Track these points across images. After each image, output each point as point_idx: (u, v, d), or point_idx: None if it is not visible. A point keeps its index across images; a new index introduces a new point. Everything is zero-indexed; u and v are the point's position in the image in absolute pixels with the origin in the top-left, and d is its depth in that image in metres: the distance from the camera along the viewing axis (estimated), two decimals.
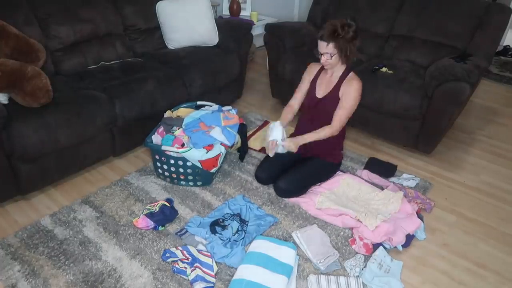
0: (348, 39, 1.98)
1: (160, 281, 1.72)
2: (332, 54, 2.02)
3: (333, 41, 1.98)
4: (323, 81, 2.23)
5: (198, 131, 2.24)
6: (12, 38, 2.14)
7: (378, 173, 2.46)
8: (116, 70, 2.62)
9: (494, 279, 1.83)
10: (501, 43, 4.80)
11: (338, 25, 1.96)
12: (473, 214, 2.23)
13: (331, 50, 2.01)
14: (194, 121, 2.32)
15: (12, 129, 1.95)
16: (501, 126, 3.24)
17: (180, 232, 1.97)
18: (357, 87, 2.11)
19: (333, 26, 1.97)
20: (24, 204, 2.17)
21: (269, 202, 2.22)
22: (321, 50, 2.04)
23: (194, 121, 2.32)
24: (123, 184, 2.33)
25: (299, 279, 1.76)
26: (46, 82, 2.07)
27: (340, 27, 1.96)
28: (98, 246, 1.89)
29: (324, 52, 2.03)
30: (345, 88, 2.12)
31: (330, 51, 2.01)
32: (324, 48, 2.02)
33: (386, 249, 1.91)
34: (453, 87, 2.38)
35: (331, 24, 1.98)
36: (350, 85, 2.12)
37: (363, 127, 2.94)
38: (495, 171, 2.63)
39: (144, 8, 2.97)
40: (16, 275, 1.73)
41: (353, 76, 2.14)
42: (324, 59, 2.06)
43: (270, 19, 4.24)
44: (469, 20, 2.82)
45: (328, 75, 2.20)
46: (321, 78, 2.25)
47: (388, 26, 3.14)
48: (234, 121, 2.38)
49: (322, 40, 2.01)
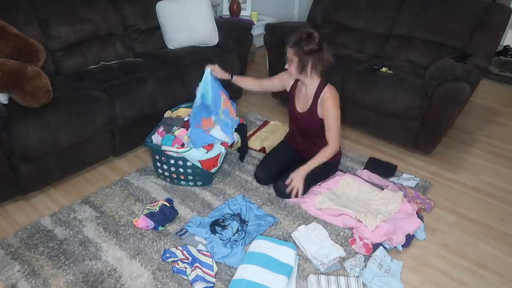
0: (306, 50, 1.94)
1: (160, 281, 1.72)
2: (292, 60, 2.00)
3: (292, 48, 1.97)
4: (300, 96, 2.22)
5: (199, 128, 2.22)
6: (12, 38, 2.14)
7: (378, 173, 2.46)
8: (116, 70, 2.62)
9: (494, 279, 1.83)
10: (501, 43, 4.80)
11: (301, 33, 1.94)
12: (473, 214, 2.23)
13: (291, 56, 1.99)
14: (197, 112, 2.27)
15: (12, 129, 1.95)
16: (501, 126, 3.24)
17: (180, 232, 1.97)
18: (333, 105, 2.07)
19: (300, 34, 1.95)
20: (24, 204, 2.17)
21: (269, 202, 2.22)
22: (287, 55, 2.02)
23: (197, 112, 2.27)
24: (123, 184, 2.33)
25: (299, 279, 1.76)
26: (46, 82, 2.07)
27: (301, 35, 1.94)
28: (98, 246, 1.89)
29: (287, 56, 2.02)
30: (323, 110, 2.09)
31: (290, 57, 2.00)
32: (288, 52, 2.00)
33: (386, 249, 1.91)
34: (453, 87, 2.38)
35: (300, 32, 1.96)
36: (325, 106, 2.07)
37: (363, 127, 2.94)
38: (495, 171, 2.63)
39: (144, 8, 2.97)
40: (16, 275, 1.73)
41: (326, 94, 2.09)
42: (286, 65, 2.06)
43: (270, 19, 4.24)
44: (469, 20, 2.82)
45: (303, 91, 2.18)
46: (298, 92, 2.24)
47: (388, 26, 3.14)
48: (232, 112, 2.39)
49: (287, 45, 1.99)
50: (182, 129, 2.35)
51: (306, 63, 1.99)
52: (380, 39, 3.18)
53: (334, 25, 3.39)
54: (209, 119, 2.23)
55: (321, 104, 2.10)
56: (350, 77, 2.77)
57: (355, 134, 2.98)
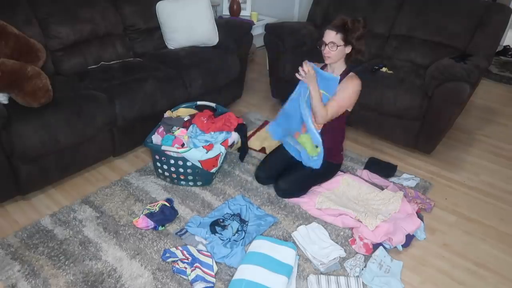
0: (355, 36, 1.99)
1: (160, 281, 1.72)
2: (337, 45, 2.01)
3: (342, 33, 1.99)
4: None
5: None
6: (12, 38, 2.14)
7: (378, 173, 2.46)
8: (116, 70, 2.62)
9: (494, 279, 1.83)
10: (501, 43, 4.80)
11: (349, 20, 1.99)
12: (473, 214, 2.23)
13: (337, 40, 2.00)
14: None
15: (12, 129, 1.95)
16: (501, 126, 3.24)
17: (180, 232, 1.98)
18: (355, 85, 2.09)
19: (344, 20, 2.00)
20: (24, 204, 2.17)
21: (269, 202, 2.22)
22: (327, 39, 2.02)
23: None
24: (123, 184, 2.33)
25: (299, 279, 1.76)
26: (46, 82, 2.07)
27: (351, 21, 1.98)
28: (98, 246, 1.89)
29: (329, 41, 2.01)
30: (344, 84, 2.10)
31: (336, 41, 2.00)
32: (332, 37, 2.00)
33: (386, 249, 1.91)
34: (453, 87, 2.38)
35: (343, 18, 2.01)
36: (348, 81, 2.09)
37: (363, 127, 2.94)
38: (495, 171, 2.63)
39: (144, 8, 2.97)
40: (16, 275, 1.73)
41: (353, 75, 2.13)
42: (327, 50, 2.04)
43: (270, 19, 4.24)
44: (469, 20, 2.82)
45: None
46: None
47: (388, 26, 3.15)
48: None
49: (331, 29, 2.01)
50: (182, 129, 2.36)
51: (349, 49, 2.03)
52: (380, 39, 3.18)
53: None
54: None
55: (346, 80, 2.10)
56: None
57: (355, 134, 2.98)
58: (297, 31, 3.21)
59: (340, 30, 1.99)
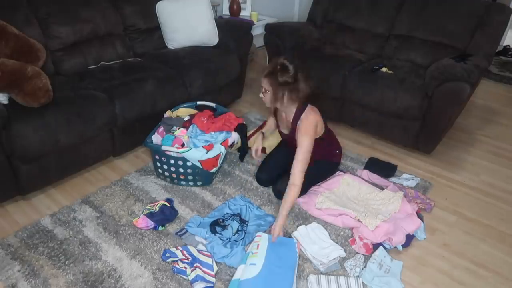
0: (281, 82, 1.91)
1: (160, 281, 1.72)
2: (266, 90, 1.97)
3: (269, 78, 1.93)
4: (281, 120, 2.23)
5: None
6: (12, 38, 2.14)
7: (378, 173, 2.46)
8: (116, 70, 2.62)
9: (494, 279, 1.83)
10: (501, 43, 4.80)
11: (279, 65, 1.90)
12: (473, 214, 2.23)
13: (266, 85, 1.96)
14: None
15: (12, 129, 1.95)
16: (501, 126, 3.24)
17: (180, 232, 1.98)
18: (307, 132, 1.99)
19: (274, 64, 1.92)
20: (24, 204, 2.17)
21: (269, 202, 2.22)
22: (261, 84, 1.99)
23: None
24: (123, 184, 2.33)
25: (299, 279, 1.76)
26: (46, 82, 2.07)
27: (280, 65, 1.90)
28: (98, 246, 1.89)
29: (261, 86, 1.99)
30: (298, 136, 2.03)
31: (265, 86, 1.97)
32: (263, 82, 1.97)
33: (386, 249, 1.91)
34: (453, 87, 2.38)
35: (275, 61, 1.93)
36: (300, 134, 2.01)
37: (363, 127, 2.94)
38: (495, 171, 2.63)
39: (144, 8, 2.97)
40: (16, 275, 1.73)
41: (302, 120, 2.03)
42: (261, 94, 2.02)
43: (270, 19, 4.24)
44: (469, 20, 2.82)
45: (283, 116, 2.17)
46: (279, 116, 2.24)
47: (388, 26, 3.14)
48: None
49: (263, 76, 1.97)
50: (182, 129, 2.36)
51: (280, 94, 1.95)
52: (380, 39, 3.18)
53: (334, 25, 3.39)
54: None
55: (298, 131, 2.03)
56: (350, 77, 2.77)
57: (355, 134, 2.98)
58: (297, 31, 3.21)
59: (268, 75, 1.94)
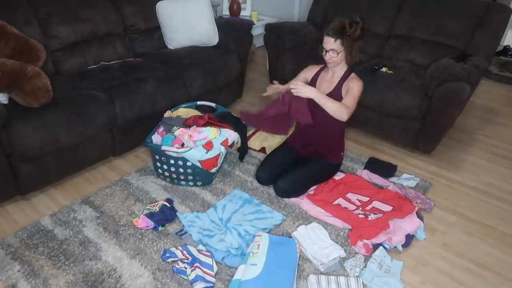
0: (355, 37, 1.97)
1: (160, 281, 1.72)
2: (338, 51, 2.01)
3: (340, 38, 1.98)
4: (323, 81, 2.21)
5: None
6: (12, 38, 2.14)
7: (378, 173, 2.46)
8: (116, 70, 2.62)
9: (494, 279, 1.83)
10: (501, 43, 4.80)
11: (346, 23, 1.96)
12: (473, 214, 2.23)
13: (337, 46, 1.99)
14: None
15: (12, 129, 1.95)
16: (501, 126, 3.24)
17: (180, 232, 1.97)
18: (359, 85, 2.09)
19: (341, 23, 1.97)
20: (24, 204, 2.17)
21: (269, 202, 2.22)
22: (327, 47, 2.01)
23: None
24: (123, 184, 2.33)
25: (299, 279, 1.76)
26: (46, 82, 2.07)
27: (348, 24, 1.95)
28: (98, 246, 1.89)
29: (330, 48, 2.01)
30: (348, 85, 2.10)
31: (336, 47, 2.00)
32: (331, 44, 2.00)
33: (386, 249, 1.91)
34: (453, 87, 2.38)
35: (340, 21, 1.98)
36: (353, 82, 2.09)
37: (363, 127, 2.94)
38: (495, 171, 2.63)
39: (144, 8, 2.97)
40: (16, 275, 1.73)
41: (355, 76, 2.13)
42: (329, 56, 2.04)
43: (270, 19, 4.24)
44: (469, 20, 2.82)
45: (329, 75, 2.18)
46: (321, 78, 2.23)
47: (388, 26, 3.15)
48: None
49: (329, 36, 1.99)
50: (182, 129, 2.35)
51: (352, 49, 2.00)
52: (380, 39, 3.18)
53: None
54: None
55: (349, 80, 2.10)
56: None
57: (355, 134, 2.98)
58: (297, 31, 3.21)
59: (339, 36, 1.97)
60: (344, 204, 2.18)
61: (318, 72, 2.26)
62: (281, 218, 2.08)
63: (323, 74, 2.23)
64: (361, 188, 2.30)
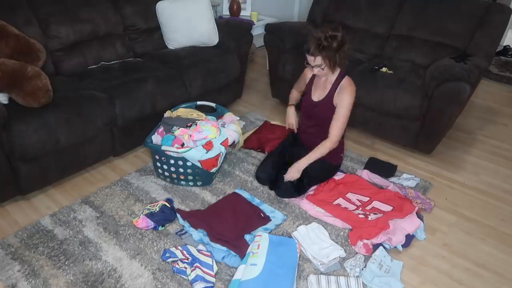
0: (334, 49, 1.97)
1: (160, 281, 1.72)
2: (322, 66, 2.03)
3: (320, 54, 1.98)
4: (318, 85, 2.24)
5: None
6: (12, 38, 2.14)
7: (378, 173, 2.46)
8: (116, 70, 2.62)
9: (494, 279, 1.83)
10: (501, 43, 4.80)
11: (322, 37, 1.95)
12: (473, 214, 2.23)
13: (320, 62, 2.01)
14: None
15: (12, 129, 1.95)
16: (501, 126, 3.24)
17: (180, 232, 1.97)
18: (349, 93, 2.10)
19: (317, 39, 1.96)
20: (24, 204, 2.17)
21: (269, 202, 2.22)
22: (311, 63, 2.04)
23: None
24: (123, 184, 2.33)
25: (299, 279, 1.76)
26: (46, 82, 2.07)
27: (324, 39, 1.94)
28: (98, 246, 1.89)
29: (314, 64, 2.03)
30: (339, 97, 2.12)
31: (319, 63, 2.01)
32: (313, 61, 2.02)
33: (386, 249, 1.91)
34: (453, 87, 2.38)
35: (314, 37, 1.97)
36: (343, 94, 2.11)
37: (363, 127, 2.93)
38: (495, 171, 2.63)
39: (144, 8, 2.97)
40: (16, 275, 1.73)
41: (346, 83, 2.13)
42: (316, 71, 2.07)
43: (270, 19, 4.24)
44: (469, 20, 2.82)
45: (323, 79, 2.20)
46: (316, 81, 2.25)
47: (388, 26, 3.14)
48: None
49: (309, 54, 2.00)
50: (182, 129, 2.35)
51: (337, 59, 2.02)
52: (380, 39, 3.18)
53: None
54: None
55: (339, 90, 2.12)
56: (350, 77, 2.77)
57: (355, 134, 2.98)
58: (297, 31, 3.21)
59: (318, 52, 1.97)
60: (344, 204, 2.18)
61: (313, 77, 2.27)
62: (282, 217, 2.08)
63: (317, 78, 2.24)
64: (361, 188, 2.30)
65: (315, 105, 2.23)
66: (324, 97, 2.18)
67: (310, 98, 2.26)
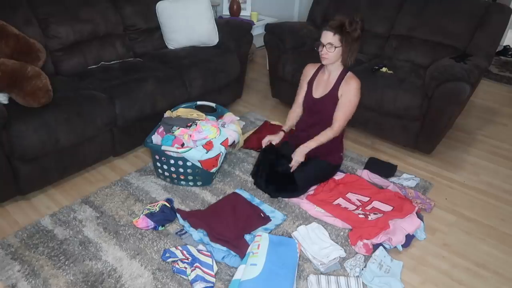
0: (354, 37, 1.99)
1: (160, 281, 1.72)
2: (335, 46, 2.01)
3: (339, 34, 1.99)
4: (320, 82, 2.23)
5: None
6: (12, 38, 2.14)
7: (378, 173, 2.46)
8: (116, 70, 2.62)
9: (494, 279, 1.83)
10: (501, 43, 4.80)
11: (346, 20, 1.97)
12: (473, 214, 2.23)
13: (335, 41, 2.00)
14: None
15: (12, 129, 1.95)
16: (501, 126, 3.24)
17: (180, 232, 1.97)
18: (355, 86, 2.11)
19: (341, 20, 1.98)
20: (24, 204, 2.17)
21: (269, 202, 2.22)
22: (325, 40, 2.02)
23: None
24: (123, 184, 2.33)
25: (299, 279, 1.76)
26: (46, 82, 2.07)
27: (348, 23, 1.97)
28: (98, 246, 1.89)
29: (327, 42, 2.02)
30: (344, 88, 2.12)
31: (334, 42, 2.01)
32: (329, 37, 2.01)
33: (386, 249, 1.91)
34: (453, 87, 2.38)
35: (340, 18, 2.00)
36: (348, 85, 2.11)
37: (363, 127, 2.94)
38: (495, 171, 2.63)
39: (144, 8, 2.97)
40: (16, 275, 1.73)
41: (351, 76, 2.14)
42: (325, 51, 2.04)
43: (270, 19, 4.24)
44: (469, 20, 2.82)
45: (326, 76, 2.19)
46: (318, 79, 2.25)
47: (388, 26, 3.15)
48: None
49: (328, 30, 2.00)
50: (182, 129, 2.35)
51: (349, 48, 2.02)
52: (380, 39, 3.18)
53: None
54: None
55: (345, 83, 2.12)
56: None
57: (355, 134, 2.98)
58: (297, 31, 3.21)
59: (338, 31, 1.98)
60: (344, 204, 2.18)
61: (315, 74, 2.27)
62: (282, 217, 2.08)
63: (319, 77, 2.24)
64: (361, 188, 2.30)
65: (317, 101, 2.22)
66: (328, 92, 2.17)
67: (311, 96, 2.25)
